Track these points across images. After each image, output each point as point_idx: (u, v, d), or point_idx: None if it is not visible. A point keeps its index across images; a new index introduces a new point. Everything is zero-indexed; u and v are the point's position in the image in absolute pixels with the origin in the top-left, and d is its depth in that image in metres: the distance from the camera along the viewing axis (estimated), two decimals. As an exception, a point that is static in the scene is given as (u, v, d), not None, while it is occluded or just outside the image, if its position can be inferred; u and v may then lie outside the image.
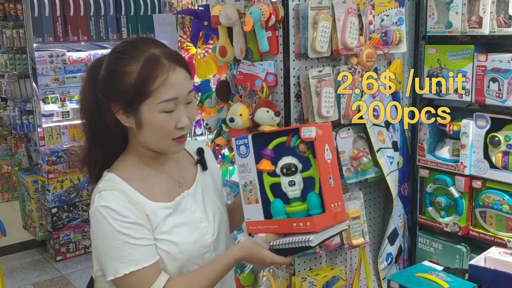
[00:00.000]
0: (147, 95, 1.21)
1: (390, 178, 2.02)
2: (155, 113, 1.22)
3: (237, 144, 1.37)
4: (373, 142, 1.96)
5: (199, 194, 1.40)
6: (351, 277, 2.06)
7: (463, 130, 1.96)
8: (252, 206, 1.37)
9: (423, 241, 2.16)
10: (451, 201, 2.02)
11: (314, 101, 1.78)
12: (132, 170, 1.33)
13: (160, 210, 1.30)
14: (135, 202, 1.27)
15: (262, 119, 1.80)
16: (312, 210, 1.31)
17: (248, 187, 1.37)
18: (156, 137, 1.26)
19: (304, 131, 1.29)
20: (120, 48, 1.28)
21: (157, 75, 1.21)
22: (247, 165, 1.36)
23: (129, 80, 1.22)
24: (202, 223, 1.36)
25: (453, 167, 1.99)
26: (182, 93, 1.24)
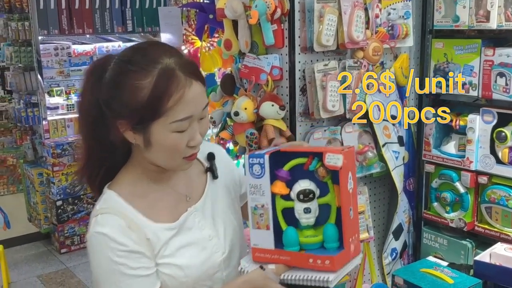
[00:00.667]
0: (160, 114, 1.09)
1: (396, 173, 2.01)
2: (166, 133, 1.11)
3: (250, 163, 1.23)
4: (378, 137, 1.94)
5: (208, 207, 1.28)
6: (355, 272, 2.06)
7: (469, 125, 1.94)
8: (261, 232, 1.23)
9: (428, 237, 2.15)
10: (456, 196, 2.01)
11: (319, 95, 1.77)
12: (134, 186, 1.21)
13: (163, 232, 1.19)
14: (135, 226, 1.15)
15: (267, 113, 1.79)
16: (328, 243, 1.20)
17: (258, 210, 1.23)
18: (166, 156, 1.16)
19: (329, 157, 1.17)
20: (129, 57, 1.13)
21: (172, 92, 1.08)
22: (261, 187, 1.22)
23: (140, 97, 1.08)
24: (212, 241, 1.25)
25: (459, 163, 1.98)
26: (197, 110, 1.13)
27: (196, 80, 1.12)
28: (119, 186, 1.20)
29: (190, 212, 1.24)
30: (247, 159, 1.23)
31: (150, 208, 1.20)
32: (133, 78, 1.09)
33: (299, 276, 1.17)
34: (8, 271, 3.84)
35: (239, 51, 1.93)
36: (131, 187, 1.20)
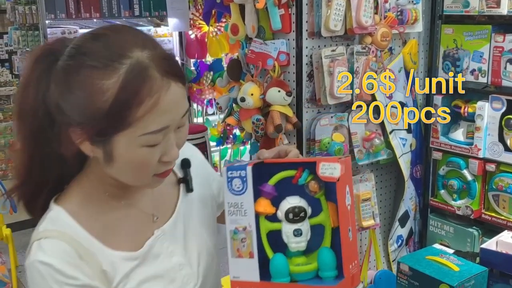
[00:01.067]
0: (127, 125, 0.85)
1: (403, 160, 2.00)
2: (133, 147, 0.87)
3: (229, 176, 1.00)
4: (386, 124, 1.93)
5: (179, 228, 1.06)
6: (361, 258, 2.06)
7: (478, 112, 1.92)
8: (243, 261, 1.01)
9: (435, 224, 2.15)
10: (464, 184, 2.00)
11: (326, 81, 1.75)
12: (88, 202, 0.97)
13: (123, 263, 0.96)
14: (88, 254, 0.93)
15: (273, 99, 1.78)
16: (324, 272, 1.00)
17: (239, 234, 1.01)
18: (131, 174, 0.93)
19: (324, 167, 0.97)
20: (88, 47, 0.87)
21: (144, 97, 0.83)
22: (242, 206, 1.00)
23: (101, 102, 0.83)
24: (182, 271, 1.04)
25: (467, 150, 1.96)
26: (175, 119, 0.89)
27: (175, 81, 0.88)
28: (69, 201, 0.97)
29: (157, 236, 1.02)
30: (225, 172, 1.01)
31: (107, 231, 0.97)
32: (92, 77, 0.84)
33: None
34: (16, 254, 3.88)
35: (246, 36, 1.91)
36: (84, 204, 0.97)
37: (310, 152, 1.81)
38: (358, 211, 1.91)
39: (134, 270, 0.98)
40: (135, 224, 1.01)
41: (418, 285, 1.70)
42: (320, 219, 1.02)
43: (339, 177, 0.96)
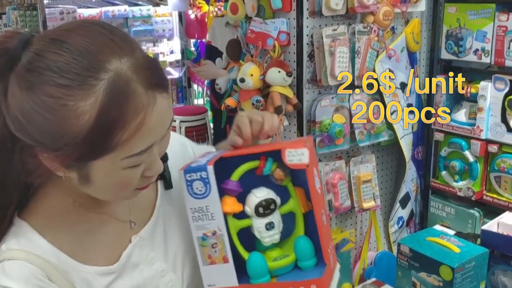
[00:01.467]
0: (107, 151, 0.73)
1: (404, 141, 1.99)
2: (115, 170, 0.77)
3: (188, 180, 0.91)
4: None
5: (159, 231, 0.97)
6: (361, 240, 2.05)
7: (481, 93, 1.90)
8: (217, 268, 0.94)
9: (436, 205, 2.14)
10: (465, 165, 1.99)
11: (327, 61, 1.73)
12: (56, 214, 0.86)
13: (98, 279, 0.87)
14: (58, 273, 0.83)
15: (273, 79, 1.75)
16: (304, 262, 0.96)
17: (209, 240, 0.93)
18: (110, 194, 0.85)
19: (291, 154, 0.91)
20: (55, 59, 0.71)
21: (128, 119, 0.72)
22: (207, 209, 0.92)
23: (76, 126, 0.70)
24: (165, 277, 0.96)
25: (469, 131, 1.94)
26: (161, 135, 0.80)
27: (160, 92, 0.76)
28: (34, 214, 0.86)
29: (135, 244, 0.93)
30: (183, 175, 0.91)
31: (78, 244, 0.87)
32: (63, 98, 0.70)
33: None
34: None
35: (246, 15, 1.88)
36: (51, 216, 0.86)
37: (310, 133, 1.79)
38: (359, 192, 1.90)
39: (111, 285, 0.88)
40: (109, 235, 0.91)
41: (418, 266, 1.69)
42: (290, 207, 0.98)
43: (308, 163, 0.90)
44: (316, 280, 0.91)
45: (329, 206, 1.83)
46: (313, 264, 0.97)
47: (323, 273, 0.93)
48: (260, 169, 0.95)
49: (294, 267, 0.98)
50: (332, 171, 1.83)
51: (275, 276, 0.97)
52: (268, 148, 0.96)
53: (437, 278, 1.63)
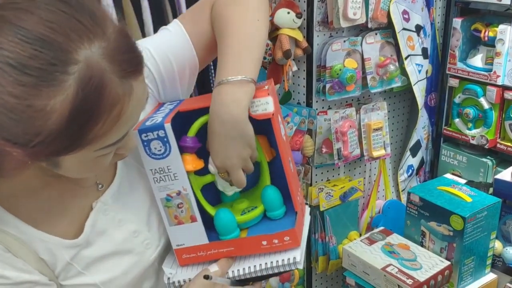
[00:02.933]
0: (80, 147, 0.67)
1: (417, 87, 1.92)
2: (87, 159, 0.72)
3: (144, 140, 0.85)
4: (401, 49, 1.82)
5: (125, 191, 0.91)
6: (369, 188, 2.02)
7: (499, 37, 1.81)
8: (184, 227, 0.91)
9: (447, 154, 2.10)
10: (480, 112, 1.92)
11: (339, 1, 1.63)
12: (17, 181, 0.79)
13: (62, 251, 0.83)
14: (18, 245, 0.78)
15: (282, 21, 1.66)
16: (272, 211, 0.95)
17: (174, 201, 0.89)
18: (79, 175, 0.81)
19: (254, 105, 0.85)
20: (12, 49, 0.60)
21: (102, 114, 0.65)
22: (169, 170, 0.87)
23: (46, 125, 0.63)
24: (138, 237, 0.91)
25: (485, 77, 1.87)
26: (136, 120, 0.75)
27: (136, 77, 0.69)
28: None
29: (98, 210, 0.87)
30: (137, 135, 0.84)
31: (40, 212, 0.81)
32: (28, 98, 0.61)
33: (256, 267, 0.89)
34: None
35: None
36: (13, 184, 0.79)
37: (320, 79, 1.72)
38: (369, 141, 1.85)
39: (76, 256, 0.84)
40: (73, 202, 0.85)
41: (428, 215, 1.67)
42: None
43: (273, 112, 0.85)
44: (289, 231, 0.89)
45: (338, 155, 1.78)
46: (282, 213, 0.95)
47: (295, 223, 0.91)
48: None
49: (263, 218, 0.96)
50: (342, 119, 1.77)
51: (245, 229, 0.95)
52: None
53: (447, 228, 1.61)
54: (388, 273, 1.59)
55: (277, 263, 0.89)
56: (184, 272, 0.94)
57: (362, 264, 1.67)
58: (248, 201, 0.97)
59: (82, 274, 0.85)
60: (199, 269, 0.93)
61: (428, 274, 1.58)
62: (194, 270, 0.93)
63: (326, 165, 1.84)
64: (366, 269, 1.66)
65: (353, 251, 1.71)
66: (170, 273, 0.93)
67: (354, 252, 1.70)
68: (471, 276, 1.67)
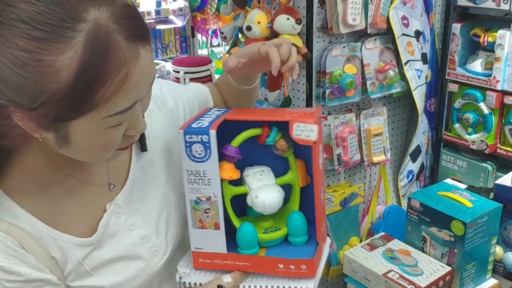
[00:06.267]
0: (88, 109, 0.68)
1: (417, 92, 1.92)
2: (96, 130, 0.72)
3: (187, 141, 0.87)
4: (401, 54, 1.83)
5: (137, 195, 0.92)
6: (370, 194, 2.02)
7: (498, 42, 1.82)
8: (207, 233, 0.91)
9: (447, 159, 2.10)
10: (479, 117, 1.93)
11: (339, 7, 1.63)
12: (29, 177, 0.81)
13: (74, 250, 0.83)
14: (32, 241, 0.79)
15: (281, 27, 1.67)
16: (295, 238, 0.95)
17: (202, 205, 0.90)
18: (91, 155, 0.78)
19: (299, 129, 0.86)
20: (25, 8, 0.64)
21: (110, 74, 0.66)
22: (204, 174, 0.88)
23: (54, 83, 0.65)
24: (147, 243, 0.92)
25: (484, 82, 1.87)
26: (144, 91, 0.75)
27: (143, 45, 0.71)
28: (6, 178, 0.80)
29: (111, 212, 0.88)
30: (182, 136, 0.87)
31: (53, 210, 0.82)
32: (38, 52, 0.64)
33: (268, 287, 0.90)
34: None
35: (252, -42, 1.77)
36: (23, 178, 0.81)
37: (320, 85, 1.72)
38: (369, 146, 1.85)
39: (88, 257, 0.84)
40: (85, 201, 0.86)
41: (429, 221, 1.66)
42: (288, 179, 0.95)
43: (315, 140, 0.86)
44: (307, 260, 0.89)
45: (338, 161, 1.78)
46: (304, 241, 0.95)
47: (315, 254, 0.91)
48: (263, 138, 0.91)
49: (283, 240, 0.96)
50: (342, 125, 1.77)
51: (264, 248, 0.95)
52: (274, 117, 0.92)
53: (448, 233, 1.60)
54: (389, 279, 1.59)
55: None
56: (197, 275, 0.94)
57: (363, 270, 1.67)
58: (272, 221, 0.97)
59: (91, 275, 0.85)
60: (211, 276, 0.93)
61: (429, 279, 1.58)
62: (207, 275, 0.94)
63: (326, 170, 1.84)
64: (367, 275, 1.66)
65: (354, 257, 1.70)
66: (184, 272, 0.94)
67: (355, 258, 1.69)
68: (472, 282, 1.67)
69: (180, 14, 4.51)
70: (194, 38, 4.52)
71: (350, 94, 1.74)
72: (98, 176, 0.88)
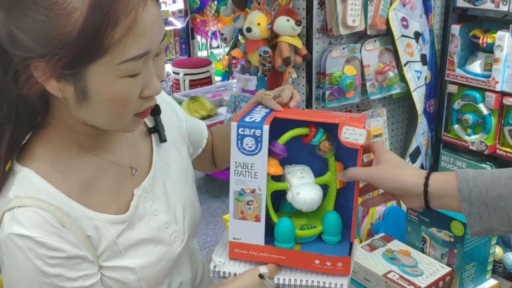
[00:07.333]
0: (102, 51, 0.71)
1: (416, 94, 1.93)
2: (112, 79, 0.75)
3: (240, 134, 0.90)
4: (400, 55, 1.84)
5: (159, 183, 0.96)
6: (369, 194, 2.02)
7: (497, 43, 1.82)
8: (246, 224, 0.94)
9: (447, 160, 2.10)
10: (479, 118, 1.93)
11: (339, 8, 1.64)
12: (58, 159, 0.83)
13: (109, 227, 0.86)
14: (70, 221, 0.81)
15: (281, 28, 1.67)
16: (329, 236, 0.98)
17: (246, 197, 0.93)
18: (110, 113, 0.80)
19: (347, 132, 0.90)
20: None
21: (119, 16, 0.70)
22: (252, 167, 0.91)
23: (68, 25, 0.70)
24: (169, 229, 0.95)
25: (484, 83, 1.88)
26: (155, 43, 0.77)
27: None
28: (36, 159, 0.82)
29: (139, 195, 0.92)
30: (235, 128, 0.90)
31: (85, 190, 0.85)
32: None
33: (302, 282, 0.92)
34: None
35: (252, -40, 1.78)
36: (54, 161, 0.83)
37: (320, 86, 1.72)
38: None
39: (121, 235, 0.87)
40: (112, 182, 0.89)
41: (429, 221, 1.67)
42: (325, 180, 0.98)
43: (363, 144, 0.90)
44: (343, 258, 0.93)
45: (338, 161, 1.79)
46: (337, 241, 0.98)
47: (349, 252, 0.95)
48: (309, 138, 0.95)
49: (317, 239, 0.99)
50: (341, 125, 1.78)
51: (299, 244, 0.98)
52: (323, 119, 0.95)
53: (448, 234, 1.60)
54: (389, 279, 1.59)
55: (323, 284, 0.92)
56: (231, 266, 0.97)
57: (363, 271, 1.67)
58: (307, 219, 1.00)
59: (122, 256, 0.87)
60: (246, 267, 0.96)
61: (429, 280, 1.58)
62: (241, 266, 0.97)
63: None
64: (367, 275, 1.66)
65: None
66: (219, 261, 0.96)
67: (355, 259, 1.69)
68: (472, 282, 1.67)
69: (179, 16, 4.52)
70: (193, 40, 4.53)
71: (350, 95, 1.75)
72: (121, 157, 0.92)
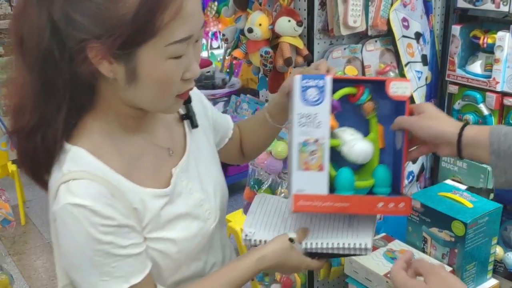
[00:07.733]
0: (153, 33, 0.80)
1: (417, 94, 1.93)
2: (160, 60, 0.83)
3: (303, 86, 0.97)
4: (401, 56, 1.84)
5: (192, 164, 1.05)
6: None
7: (498, 43, 1.83)
8: (310, 174, 0.98)
9: (447, 160, 2.11)
10: (479, 118, 1.94)
11: (340, 9, 1.65)
12: (106, 139, 0.92)
13: (153, 200, 0.94)
14: (119, 193, 0.89)
15: (283, 29, 1.67)
16: (380, 188, 1.05)
17: (309, 147, 0.98)
18: (155, 93, 0.87)
19: (395, 86, 0.99)
20: None
21: (168, 1, 0.79)
22: (316, 117, 0.97)
23: (123, 8, 0.78)
24: (203, 206, 1.04)
25: (484, 83, 1.88)
26: (197, 29, 0.86)
27: None
28: (86, 139, 0.91)
29: (177, 174, 1.00)
30: (298, 80, 0.97)
31: (130, 167, 0.93)
32: None
33: (328, 244, 0.99)
34: (23, 190, 3.91)
35: (254, -39, 1.78)
36: (101, 141, 0.92)
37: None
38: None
39: (164, 208, 0.95)
40: (154, 159, 0.98)
41: (430, 221, 1.67)
42: (371, 137, 1.06)
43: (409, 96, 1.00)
44: (405, 198, 1.01)
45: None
46: (387, 192, 1.05)
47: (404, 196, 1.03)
48: (357, 97, 1.03)
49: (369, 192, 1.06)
50: (342, 125, 1.78)
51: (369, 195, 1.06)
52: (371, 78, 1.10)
53: (449, 234, 1.61)
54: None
55: (348, 245, 0.99)
56: (262, 233, 1.04)
57: (364, 271, 1.67)
58: (358, 176, 1.06)
59: (164, 228, 0.95)
60: (275, 233, 1.03)
61: (430, 280, 1.58)
62: (271, 233, 1.04)
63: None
64: (368, 275, 1.66)
65: (355, 257, 1.71)
66: (250, 231, 1.04)
67: (356, 259, 1.70)
68: (473, 282, 1.67)
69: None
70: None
71: (351, 96, 1.75)
72: (159, 139, 1.00)
